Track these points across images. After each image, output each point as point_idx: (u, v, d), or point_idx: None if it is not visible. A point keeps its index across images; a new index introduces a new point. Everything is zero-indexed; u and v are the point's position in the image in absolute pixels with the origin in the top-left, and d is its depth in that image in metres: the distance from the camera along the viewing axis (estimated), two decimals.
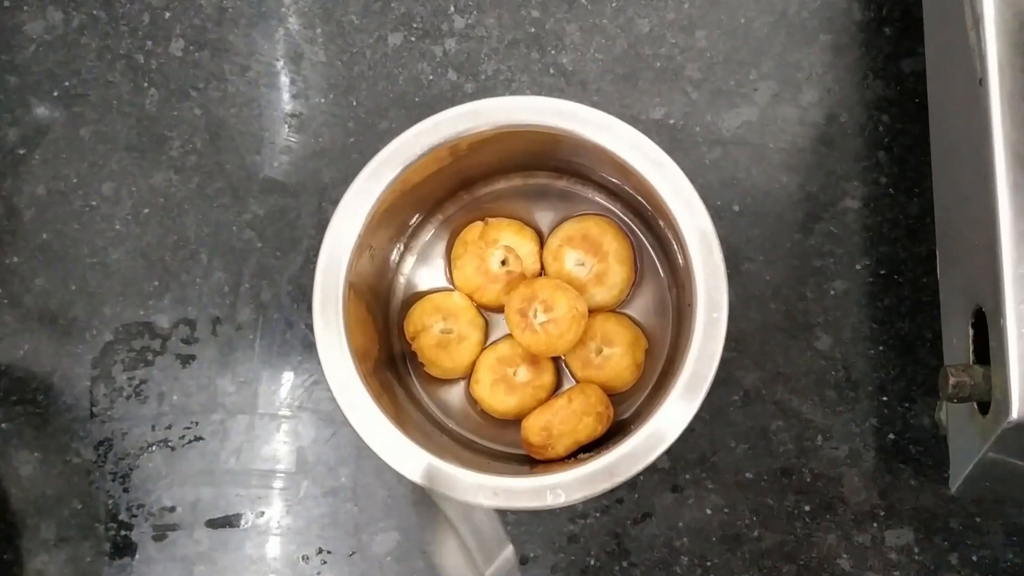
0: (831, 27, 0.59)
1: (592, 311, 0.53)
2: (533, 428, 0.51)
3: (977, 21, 0.42)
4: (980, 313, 0.42)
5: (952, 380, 0.41)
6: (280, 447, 0.58)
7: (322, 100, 0.61)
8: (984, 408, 0.41)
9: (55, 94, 0.62)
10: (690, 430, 0.55)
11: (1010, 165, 0.40)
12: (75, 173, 0.61)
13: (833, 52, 0.59)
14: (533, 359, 0.53)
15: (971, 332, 0.43)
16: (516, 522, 0.56)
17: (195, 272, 0.60)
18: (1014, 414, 0.38)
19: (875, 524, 0.54)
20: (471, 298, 0.55)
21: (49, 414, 0.59)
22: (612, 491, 0.47)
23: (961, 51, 0.44)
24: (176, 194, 0.61)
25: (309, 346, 0.59)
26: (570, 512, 0.56)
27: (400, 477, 0.47)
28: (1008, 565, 0.53)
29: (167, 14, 0.62)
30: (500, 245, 0.54)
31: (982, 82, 0.41)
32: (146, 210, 0.61)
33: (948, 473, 0.50)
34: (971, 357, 0.43)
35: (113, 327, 0.60)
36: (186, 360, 0.59)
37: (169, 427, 0.59)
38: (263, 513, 0.57)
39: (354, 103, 0.61)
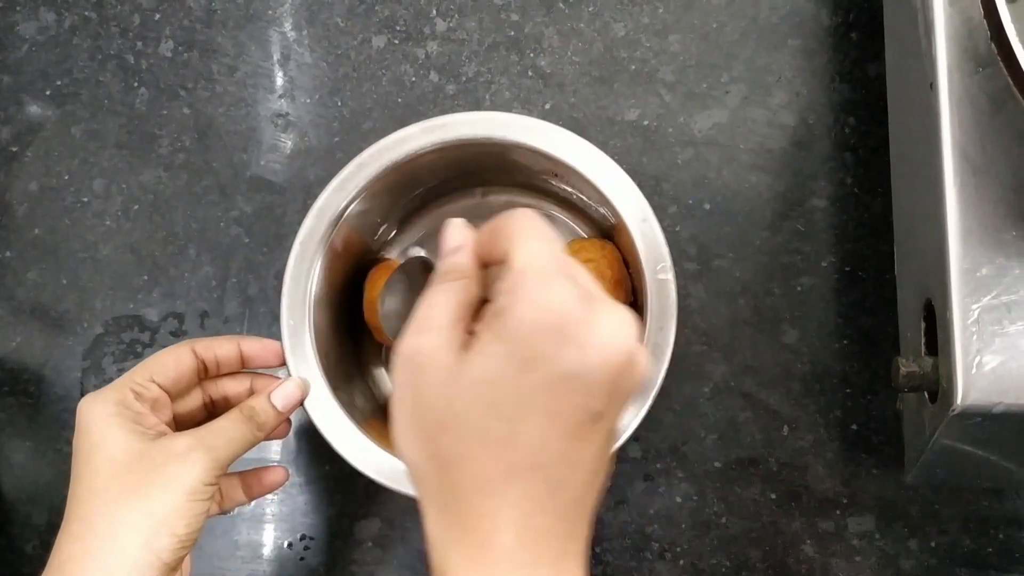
0: (800, 32, 0.60)
1: None
2: None
3: (928, 27, 0.43)
4: (930, 306, 0.44)
5: (903, 370, 0.42)
6: None
7: (308, 100, 0.62)
8: (933, 397, 0.43)
9: (47, 93, 0.63)
10: (660, 421, 0.58)
11: (957, 166, 0.42)
12: (67, 170, 0.62)
13: (802, 56, 0.60)
14: None
15: (923, 324, 0.45)
16: None
17: (183, 267, 0.61)
18: (958, 401, 0.40)
19: (838, 511, 0.56)
20: None
21: (41, 404, 0.60)
22: None
23: (915, 57, 0.45)
24: (165, 191, 0.62)
25: None
26: None
27: None
28: (965, 551, 0.55)
29: (157, 16, 0.63)
30: None
31: (932, 86, 0.43)
32: (136, 206, 0.62)
33: (905, 462, 0.51)
34: (923, 348, 0.45)
35: (103, 320, 0.61)
36: None
37: None
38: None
39: (339, 103, 0.62)
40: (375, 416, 0.54)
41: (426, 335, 0.33)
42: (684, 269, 0.58)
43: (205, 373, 0.48)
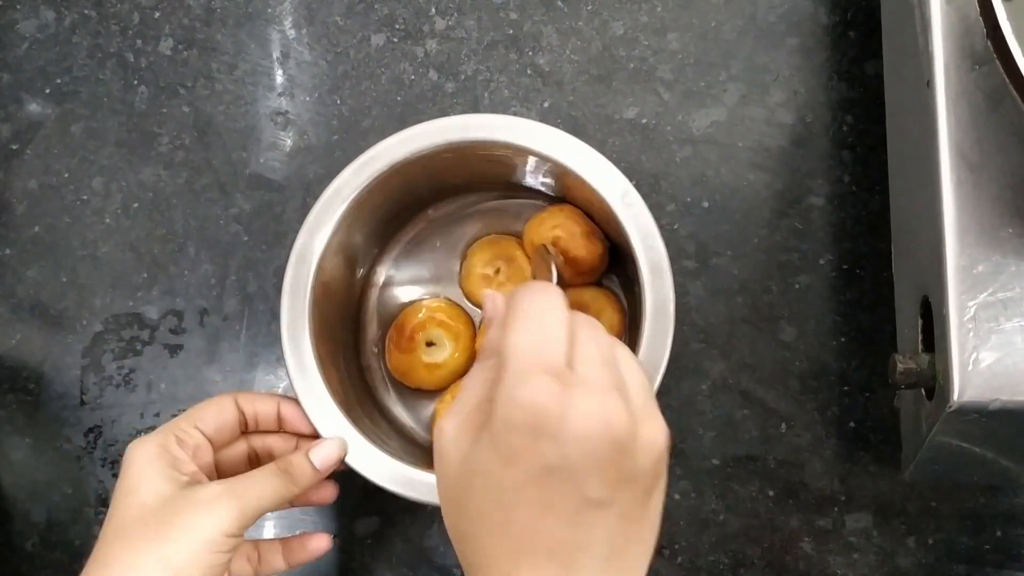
0: (798, 31, 0.60)
1: None
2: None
3: (925, 25, 0.44)
4: (927, 303, 0.44)
5: (900, 367, 0.42)
6: None
7: (307, 99, 0.62)
8: (930, 394, 0.43)
9: (47, 91, 0.63)
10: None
11: (954, 163, 0.42)
12: (66, 168, 0.63)
13: (800, 55, 0.60)
14: None
15: (920, 322, 0.45)
16: None
17: (183, 264, 0.61)
18: (954, 397, 0.40)
19: (836, 509, 0.56)
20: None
21: (40, 402, 0.61)
22: None
23: (912, 55, 0.46)
24: (165, 189, 0.62)
25: None
26: None
27: None
28: (962, 548, 0.55)
29: (157, 14, 0.64)
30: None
31: (929, 84, 0.43)
32: (135, 204, 0.62)
33: (902, 459, 0.52)
34: (920, 345, 0.45)
35: (103, 318, 0.61)
36: (174, 350, 0.61)
37: (157, 415, 0.60)
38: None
39: (338, 102, 0.62)
40: (374, 420, 0.54)
41: (448, 421, 0.35)
42: (682, 267, 0.58)
43: (246, 427, 0.48)
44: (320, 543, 0.50)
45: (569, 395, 0.32)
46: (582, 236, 0.53)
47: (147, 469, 0.43)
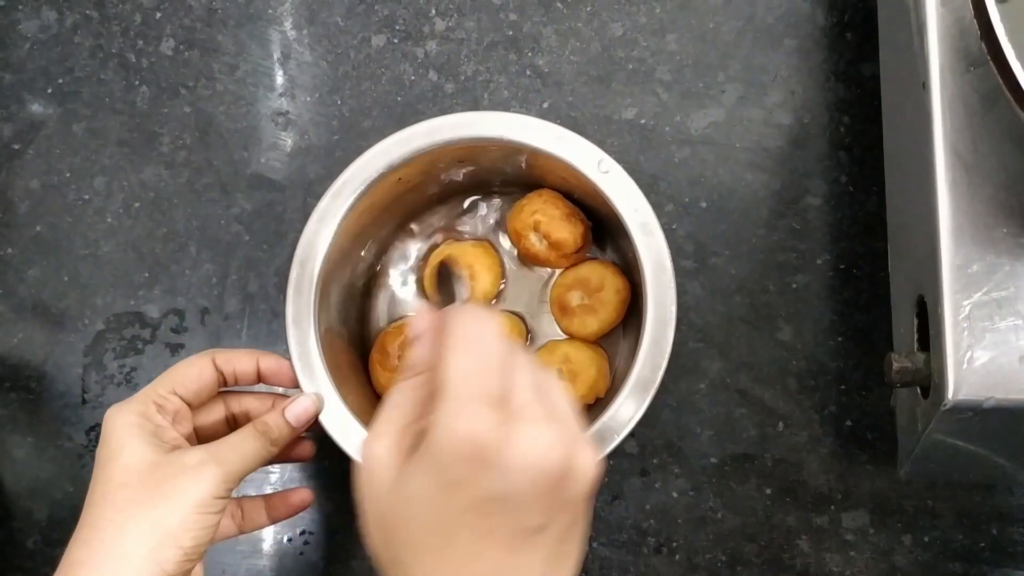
0: (796, 32, 0.61)
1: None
2: None
3: (921, 27, 0.44)
4: (922, 302, 0.44)
5: (896, 365, 0.43)
6: None
7: (308, 99, 0.63)
8: (926, 392, 0.43)
9: (49, 91, 0.64)
10: (656, 417, 0.58)
11: (949, 164, 0.42)
12: (68, 168, 0.63)
13: (797, 56, 0.61)
14: None
15: (915, 321, 0.45)
16: None
17: (184, 264, 0.61)
18: (950, 396, 0.40)
19: (832, 507, 0.56)
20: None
21: (42, 400, 0.61)
22: None
23: (908, 57, 0.46)
24: (166, 189, 0.62)
25: None
26: None
27: None
28: (958, 546, 0.55)
29: (158, 14, 0.64)
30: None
31: (925, 85, 0.43)
32: (137, 204, 0.62)
33: (898, 457, 0.52)
34: (915, 344, 0.45)
35: (104, 317, 0.61)
36: (175, 349, 0.61)
37: None
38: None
39: (339, 102, 0.62)
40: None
41: (378, 441, 0.34)
42: (681, 266, 0.59)
43: (224, 385, 0.49)
44: (302, 497, 0.51)
45: (508, 428, 0.32)
46: (561, 219, 0.54)
47: (129, 435, 0.43)
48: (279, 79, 0.63)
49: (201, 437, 0.48)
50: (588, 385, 0.53)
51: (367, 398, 0.54)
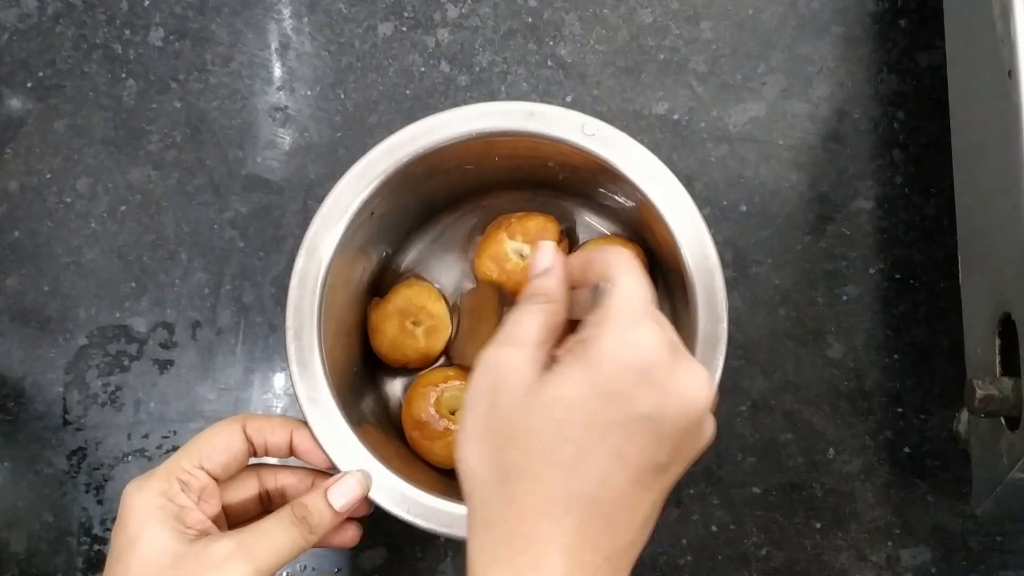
0: (843, 19, 0.57)
1: None
2: None
3: (1005, 10, 0.39)
4: (1008, 321, 0.39)
5: (979, 393, 0.38)
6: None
7: (308, 93, 0.59)
8: (1013, 423, 0.39)
9: (29, 85, 0.61)
10: None
11: None
12: (49, 168, 0.60)
13: (845, 45, 0.57)
14: None
15: (999, 341, 0.40)
16: None
17: (174, 273, 0.58)
18: None
19: (890, 543, 0.52)
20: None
21: (20, 421, 0.57)
22: None
23: (987, 42, 0.41)
24: (155, 191, 0.59)
25: None
26: None
27: None
28: None
29: (146, 2, 0.61)
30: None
31: (1011, 74, 0.39)
32: (123, 207, 0.59)
33: (967, 489, 0.48)
34: (998, 368, 0.40)
35: (88, 330, 0.58)
36: (164, 366, 0.57)
37: (146, 436, 0.57)
38: None
39: (342, 96, 0.59)
40: (386, 435, 0.50)
41: (511, 348, 0.34)
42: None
43: (254, 456, 0.44)
44: (351, 536, 0.46)
45: (676, 355, 0.33)
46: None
47: (149, 520, 0.40)
48: (277, 71, 0.60)
49: (231, 516, 0.44)
50: None
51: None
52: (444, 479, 0.50)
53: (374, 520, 0.54)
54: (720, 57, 0.57)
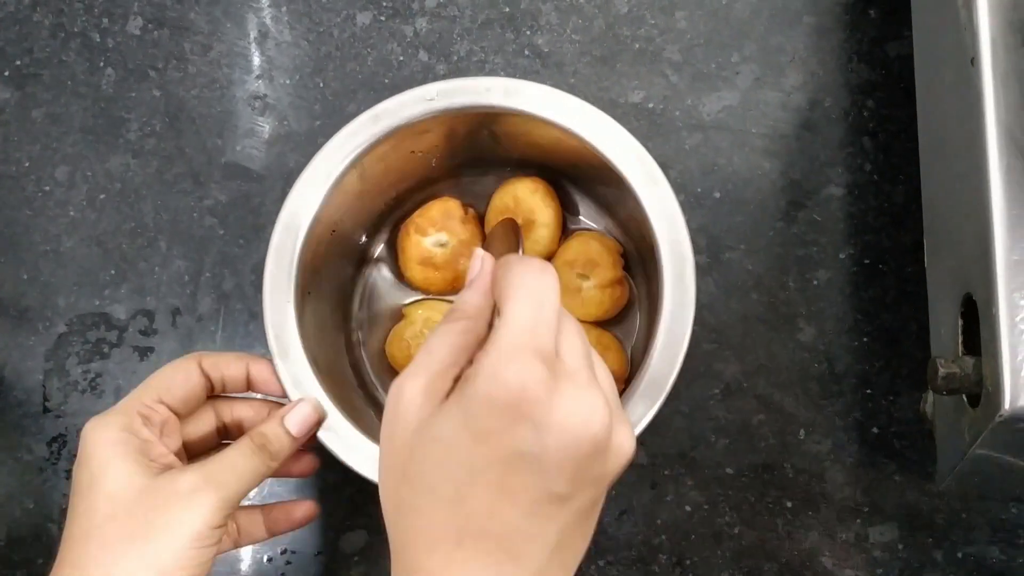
0: (815, 9, 0.57)
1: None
2: None
3: None
4: (970, 302, 0.40)
5: (941, 371, 0.39)
6: None
7: (287, 81, 0.59)
8: (974, 400, 0.39)
9: (6, 74, 0.60)
10: (668, 424, 0.54)
11: (1003, 147, 0.38)
12: (27, 157, 0.59)
13: (817, 35, 0.57)
14: None
15: (960, 322, 0.41)
16: None
17: (153, 261, 0.58)
18: (1006, 406, 0.36)
19: (858, 520, 0.53)
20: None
21: (0, 409, 0.57)
22: None
23: (951, 30, 0.42)
24: (134, 179, 0.59)
25: None
26: None
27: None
28: (995, 562, 0.52)
29: None
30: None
31: (974, 61, 0.39)
32: (102, 196, 0.59)
33: (933, 468, 0.49)
34: (960, 348, 0.41)
35: (67, 318, 0.58)
36: (144, 352, 0.57)
37: None
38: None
39: (321, 85, 0.59)
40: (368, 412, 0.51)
41: (412, 380, 0.34)
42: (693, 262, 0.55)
43: (212, 392, 0.44)
44: (306, 511, 0.46)
45: (557, 385, 0.31)
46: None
47: (113, 456, 0.39)
48: (256, 60, 0.60)
49: (190, 451, 0.44)
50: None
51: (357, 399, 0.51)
52: None
53: (355, 503, 0.55)
54: (694, 47, 0.58)
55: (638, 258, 0.53)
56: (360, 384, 0.54)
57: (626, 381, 0.50)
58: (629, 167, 0.46)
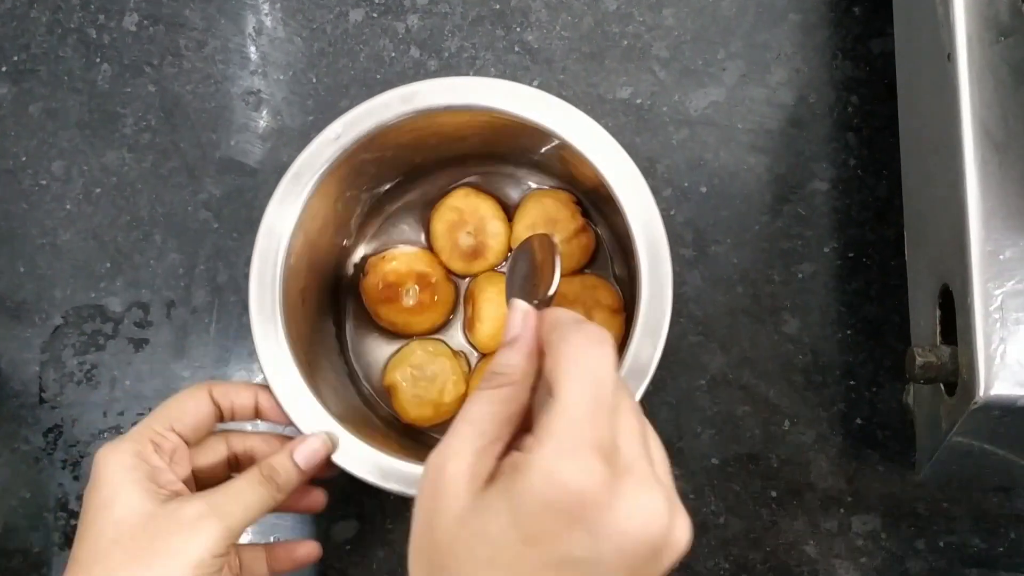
0: (800, 6, 0.58)
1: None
2: None
3: None
4: (947, 293, 0.41)
5: (919, 360, 0.40)
6: None
7: (281, 77, 0.59)
8: (951, 389, 0.40)
9: (3, 69, 0.60)
10: (654, 415, 0.55)
11: (978, 141, 0.39)
12: (24, 151, 0.60)
13: (802, 32, 0.58)
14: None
15: (938, 312, 0.42)
16: None
17: (149, 254, 0.58)
18: (980, 393, 0.37)
19: (842, 510, 0.54)
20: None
21: None
22: None
23: (930, 27, 0.43)
24: (129, 173, 0.59)
25: None
26: None
27: None
28: (975, 550, 0.53)
29: None
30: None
31: (950, 57, 0.40)
32: (98, 189, 0.59)
33: (915, 458, 0.49)
34: (938, 337, 0.42)
35: (63, 310, 0.58)
36: (139, 344, 0.58)
37: (121, 413, 0.57)
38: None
39: (314, 80, 0.59)
40: (351, 412, 0.51)
41: (453, 461, 0.31)
42: (679, 255, 0.56)
43: (222, 420, 0.45)
44: (309, 551, 0.47)
45: (616, 485, 0.29)
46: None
47: (123, 482, 0.40)
48: (251, 56, 0.60)
49: (201, 480, 0.45)
50: None
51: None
52: (407, 442, 0.51)
53: (345, 493, 0.55)
54: (682, 43, 0.58)
55: (589, 202, 0.54)
56: (350, 376, 0.54)
57: (624, 311, 0.51)
58: (556, 124, 0.46)
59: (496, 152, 0.53)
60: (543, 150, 0.51)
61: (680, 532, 0.30)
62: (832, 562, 0.53)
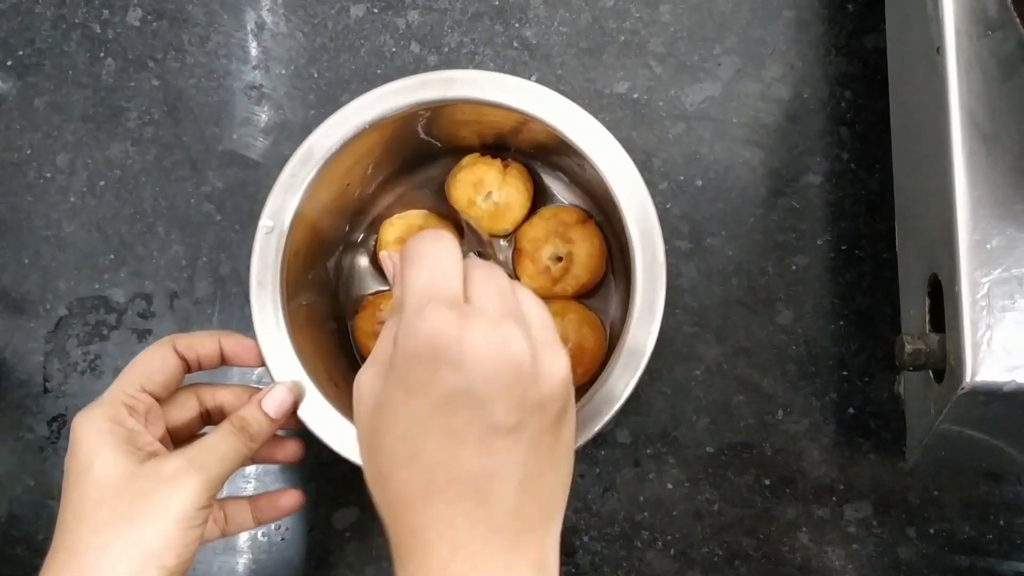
0: (795, 3, 0.59)
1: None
2: None
3: None
4: (936, 282, 0.42)
5: (908, 348, 0.40)
6: None
7: (283, 72, 0.60)
8: (939, 376, 0.41)
9: (8, 64, 0.61)
10: (650, 405, 0.56)
11: (966, 132, 0.40)
12: (29, 144, 0.60)
13: (796, 28, 0.58)
14: None
15: (927, 301, 0.43)
16: None
17: (152, 245, 0.59)
18: (967, 379, 0.38)
19: (834, 498, 0.54)
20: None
21: (2, 390, 0.58)
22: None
23: (920, 21, 0.43)
24: (133, 166, 0.60)
25: None
26: None
27: None
28: (965, 537, 0.53)
29: None
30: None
31: (939, 50, 0.41)
32: (102, 182, 0.60)
33: (906, 446, 0.50)
34: (927, 326, 0.43)
35: (67, 301, 0.59)
36: (142, 335, 0.58)
37: None
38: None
39: (315, 75, 0.60)
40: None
41: (365, 371, 0.36)
42: (675, 247, 0.56)
43: (189, 371, 0.46)
44: (292, 500, 0.48)
45: (465, 322, 0.33)
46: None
47: (101, 445, 0.41)
48: (253, 51, 0.61)
49: (175, 437, 0.45)
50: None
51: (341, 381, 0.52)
52: None
53: (346, 482, 0.56)
54: (678, 39, 0.59)
55: (610, 229, 0.54)
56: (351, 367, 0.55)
57: (605, 354, 0.52)
58: (563, 125, 0.47)
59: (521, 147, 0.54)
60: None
61: (550, 364, 0.34)
62: (824, 549, 0.54)
